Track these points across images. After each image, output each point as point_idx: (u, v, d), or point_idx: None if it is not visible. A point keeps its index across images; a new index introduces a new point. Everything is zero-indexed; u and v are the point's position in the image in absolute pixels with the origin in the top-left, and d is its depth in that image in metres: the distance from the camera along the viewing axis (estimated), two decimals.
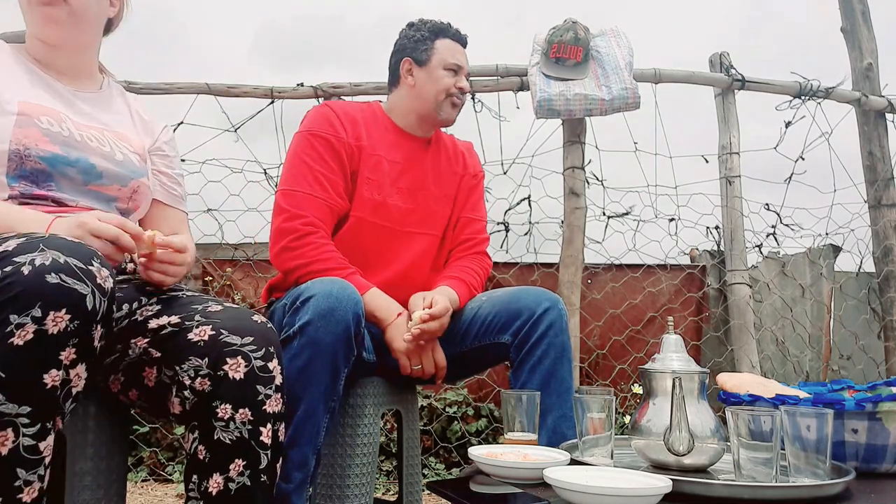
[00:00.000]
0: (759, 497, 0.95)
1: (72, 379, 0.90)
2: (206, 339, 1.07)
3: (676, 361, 1.16)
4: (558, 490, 0.91)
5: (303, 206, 1.55)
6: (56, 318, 0.86)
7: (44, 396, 0.87)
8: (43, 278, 0.86)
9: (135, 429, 2.80)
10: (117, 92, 1.46)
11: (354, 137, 1.64)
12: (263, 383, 1.07)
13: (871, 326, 3.36)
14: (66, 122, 1.26)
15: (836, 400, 1.19)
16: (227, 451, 1.03)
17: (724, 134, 3.12)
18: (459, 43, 1.77)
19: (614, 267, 3.18)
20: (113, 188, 1.29)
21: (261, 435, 1.05)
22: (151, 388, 1.12)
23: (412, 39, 1.75)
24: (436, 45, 1.74)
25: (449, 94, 1.72)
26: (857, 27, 3.31)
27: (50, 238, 0.93)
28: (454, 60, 1.74)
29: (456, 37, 1.77)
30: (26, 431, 0.86)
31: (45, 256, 0.88)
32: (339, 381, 1.33)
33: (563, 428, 1.47)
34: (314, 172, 1.58)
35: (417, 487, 1.69)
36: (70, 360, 0.89)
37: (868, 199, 3.28)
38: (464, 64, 1.76)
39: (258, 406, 1.05)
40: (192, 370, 1.06)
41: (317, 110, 1.67)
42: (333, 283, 1.35)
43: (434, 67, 1.72)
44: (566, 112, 2.74)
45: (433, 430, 2.89)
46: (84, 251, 0.93)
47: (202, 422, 1.05)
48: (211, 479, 1.03)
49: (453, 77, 1.73)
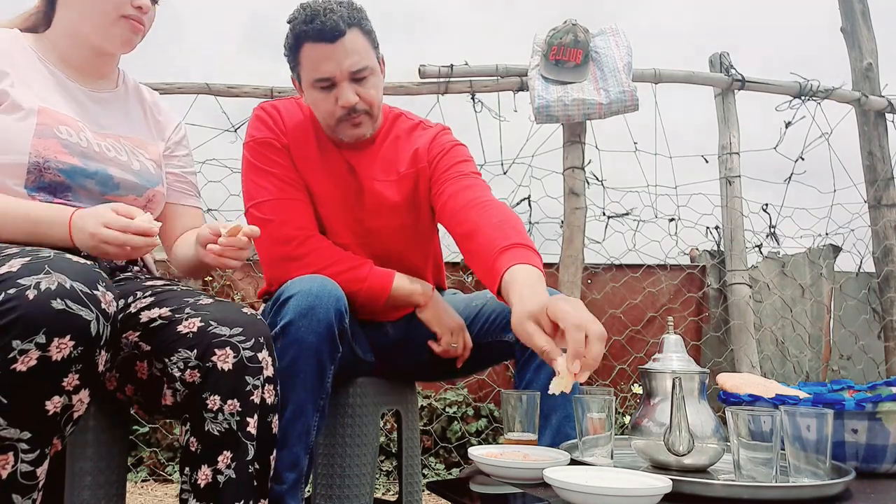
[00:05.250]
0: (759, 497, 0.95)
1: (74, 404, 0.89)
2: (194, 330, 1.07)
3: (676, 361, 1.16)
4: (558, 490, 0.91)
5: (284, 210, 1.45)
6: (60, 345, 0.85)
7: (45, 422, 0.86)
8: (48, 304, 0.85)
9: (135, 429, 2.80)
10: (132, 90, 1.45)
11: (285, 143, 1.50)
12: (252, 374, 1.06)
13: (871, 326, 3.36)
14: (83, 132, 1.25)
15: (836, 400, 1.19)
16: (215, 442, 1.03)
17: (724, 134, 3.12)
18: (323, 41, 1.36)
19: (614, 267, 3.18)
20: (129, 198, 1.30)
21: (248, 426, 1.05)
22: (145, 382, 1.12)
23: (286, 47, 1.44)
24: (300, 58, 1.41)
25: (336, 118, 1.43)
26: (857, 27, 3.31)
27: (55, 259, 0.91)
28: (317, 75, 1.39)
29: (317, 36, 1.35)
30: (25, 458, 0.85)
31: (51, 280, 0.87)
32: (326, 379, 1.31)
33: (566, 428, 1.47)
34: (278, 176, 1.48)
35: (417, 487, 1.69)
36: (73, 386, 0.88)
37: (868, 199, 3.28)
38: (335, 70, 1.37)
39: (246, 397, 1.05)
40: (181, 362, 1.05)
41: (253, 115, 1.54)
42: (314, 280, 1.32)
43: (306, 89, 1.44)
44: (564, 117, 2.76)
45: (433, 430, 2.89)
46: (91, 274, 0.92)
47: (193, 413, 1.05)
48: (200, 471, 1.03)
49: (331, 93, 1.40)
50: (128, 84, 1.44)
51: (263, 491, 1.09)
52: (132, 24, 1.29)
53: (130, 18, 1.29)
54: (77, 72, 1.33)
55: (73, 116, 1.26)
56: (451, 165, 1.52)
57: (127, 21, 1.29)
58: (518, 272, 1.20)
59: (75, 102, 1.30)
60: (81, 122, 1.27)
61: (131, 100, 1.43)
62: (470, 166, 1.55)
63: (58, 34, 1.32)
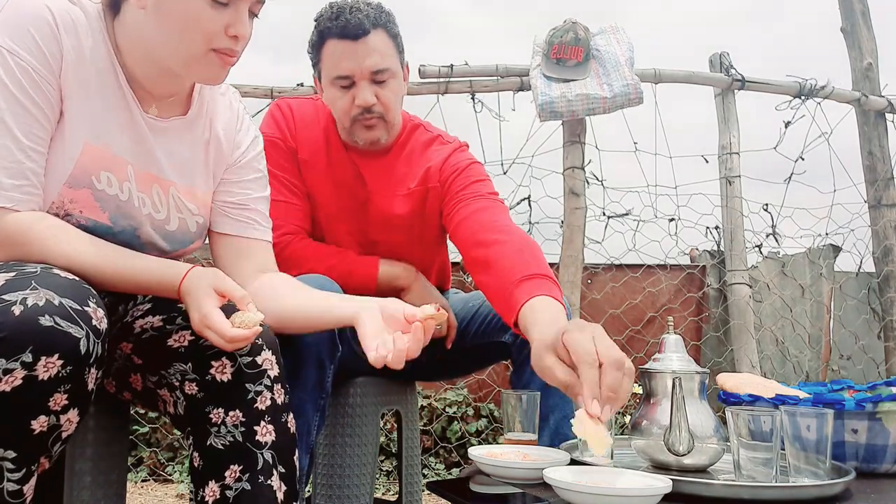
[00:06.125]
0: (759, 497, 0.95)
1: (62, 424, 0.85)
2: (185, 344, 1.04)
3: (676, 361, 1.16)
4: (558, 490, 0.91)
5: (274, 213, 1.37)
6: (48, 364, 0.80)
7: (30, 442, 0.82)
8: (35, 321, 0.80)
9: (135, 429, 2.80)
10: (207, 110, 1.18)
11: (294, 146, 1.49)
12: (253, 380, 1.02)
13: (871, 326, 3.36)
14: (127, 182, 1.06)
15: (836, 400, 1.19)
16: (221, 457, 1.00)
17: (724, 134, 3.12)
18: (346, 38, 1.35)
19: (614, 267, 3.18)
20: (153, 254, 1.09)
21: (256, 434, 1.01)
22: (141, 392, 1.10)
23: (309, 44, 1.43)
24: (322, 54, 1.40)
25: (351, 118, 1.41)
26: (857, 27, 3.31)
27: (42, 274, 0.85)
28: (337, 73, 1.37)
29: (341, 33, 1.35)
30: (11, 476, 0.82)
31: (39, 296, 0.81)
32: (326, 378, 1.31)
33: (565, 428, 1.46)
34: (277, 178, 1.45)
35: (417, 487, 1.69)
36: (61, 405, 0.83)
37: (868, 199, 3.28)
38: (355, 68, 1.35)
39: (250, 405, 1.01)
40: (178, 374, 1.03)
41: (267, 112, 1.53)
42: (309, 279, 1.31)
43: (325, 86, 1.42)
44: (569, 113, 2.74)
45: (433, 430, 2.89)
46: (80, 290, 0.87)
47: (196, 428, 1.02)
48: (207, 488, 0.99)
49: (348, 91, 1.39)
50: (204, 100, 1.17)
51: (294, 493, 1.04)
52: (223, 58, 1.03)
53: (222, 52, 1.02)
54: (144, 89, 1.08)
55: (124, 157, 1.06)
56: (466, 185, 1.48)
57: (218, 56, 1.02)
58: (539, 304, 1.13)
59: (132, 132, 1.07)
60: (132, 162, 1.07)
61: (199, 127, 1.17)
62: (486, 186, 1.50)
63: (127, 35, 1.04)
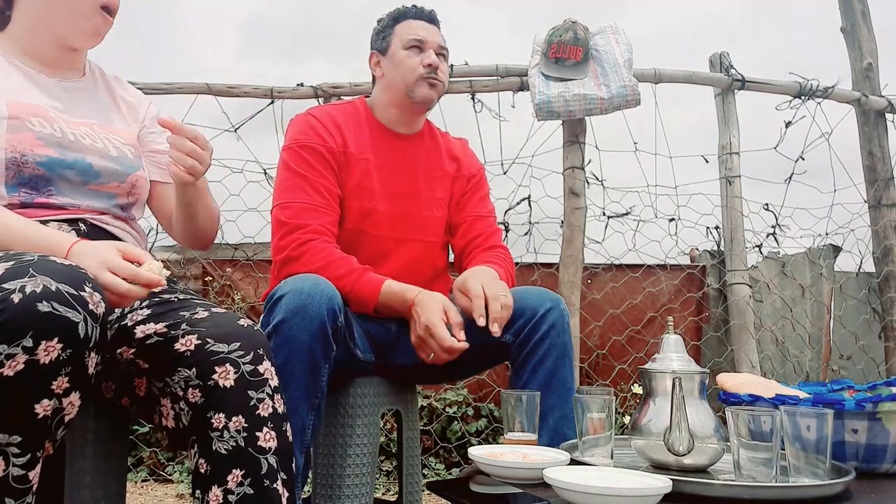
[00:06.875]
0: (759, 497, 0.95)
1: (65, 408, 0.88)
2: (192, 349, 1.06)
3: (676, 361, 1.16)
4: (558, 490, 0.91)
5: (303, 216, 1.50)
6: (48, 348, 0.84)
7: (35, 426, 0.85)
8: (34, 306, 0.83)
9: (135, 429, 2.80)
10: (100, 77, 1.42)
11: (341, 143, 1.60)
12: (255, 388, 1.05)
13: (871, 326, 3.36)
14: (56, 122, 1.23)
15: (836, 400, 1.19)
16: (224, 461, 1.01)
17: (724, 134, 3.12)
18: (421, 19, 1.68)
19: (614, 267, 3.18)
20: (112, 185, 1.28)
21: (258, 440, 1.03)
22: (142, 398, 1.11)
23: (375, 32, 1.71)
24: (395, 29, 1.67)
25: (418, 74, 1.62)
26: (857, 27, 3.31)
27: (39, 262, 0.89)
28: (413, 36, 1.63)
29: (417, 15, 1.68)
30: (16, 461, 0.84)
31: (36, 283, 0.85)
32: (320, 377, 1.31)
33: (564, 428, 1.47)
34: (310, 182, 1.54)
35: (417, 487, 1.69)
36: (63, 388, 0.87)
37: (868, 199, 3.28)
38: (428, 38, 1.64)
39: (252, 411, 1.04)
40: (182, 381, 1.04)
41: (300, 119, 1.62)
42: (305, 279, 1.33)
43: (395, 51, 1.65)
44: (566, 113, 2.74)
45: (433, 430, 2.89)
46: (76, 275, 0.90)
47: (200, 434, 1.03)
48: (210, 493, 1.01)
49: (418, 54, 1.63)
50: (94, 71, 1.42)
51: (293, 500, 1.07)
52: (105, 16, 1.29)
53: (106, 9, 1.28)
54: (44, 64, 1.30)
55: (45, 107, 1.23)
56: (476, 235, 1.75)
57: (102, 13, 1.28)
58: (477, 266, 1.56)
59: (46, 93, 1.27)
60: (54, 112, 1.24)
61: (100, 86, 1.41)
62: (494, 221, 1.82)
63: (20, 31, 1.29)
